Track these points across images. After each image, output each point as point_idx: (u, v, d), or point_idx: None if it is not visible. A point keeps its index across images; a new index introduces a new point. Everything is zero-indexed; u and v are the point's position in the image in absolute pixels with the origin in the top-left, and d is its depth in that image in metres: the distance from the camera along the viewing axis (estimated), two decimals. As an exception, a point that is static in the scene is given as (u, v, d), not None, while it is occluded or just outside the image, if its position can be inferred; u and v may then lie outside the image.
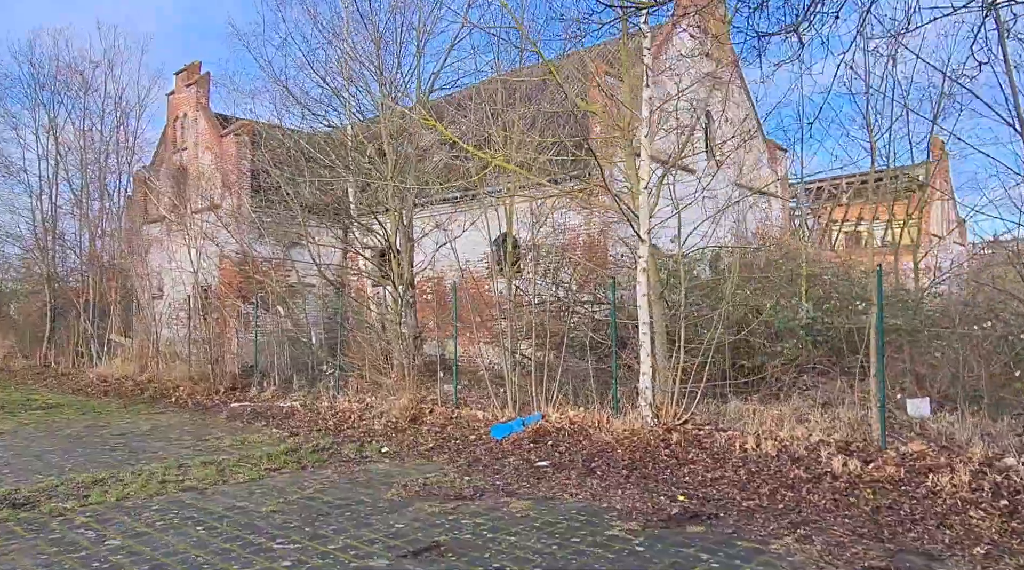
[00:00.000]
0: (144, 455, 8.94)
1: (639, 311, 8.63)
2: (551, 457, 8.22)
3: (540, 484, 7.02)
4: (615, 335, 9.67)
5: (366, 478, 7.50)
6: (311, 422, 11.56)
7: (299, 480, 7.45)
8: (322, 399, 13.49)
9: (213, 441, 9.96)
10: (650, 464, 7.53)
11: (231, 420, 12.19)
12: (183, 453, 9.05)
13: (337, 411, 12.25)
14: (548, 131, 15.64)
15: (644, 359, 8.62)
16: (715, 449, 7.69)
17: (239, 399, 14.62)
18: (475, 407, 11.38)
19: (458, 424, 10.52)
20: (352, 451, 8.96)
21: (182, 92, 22.53)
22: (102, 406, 14.22)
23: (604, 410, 9.72)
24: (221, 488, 7.13)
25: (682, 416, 8.49)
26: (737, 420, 8.90)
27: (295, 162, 18.62)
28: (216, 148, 20.78)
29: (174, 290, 20.40)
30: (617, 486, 6.83)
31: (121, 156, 23.11)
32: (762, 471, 6.90)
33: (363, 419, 11.47)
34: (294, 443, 9.50)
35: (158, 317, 19.22)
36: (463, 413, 11.07)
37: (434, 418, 10.98)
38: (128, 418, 12.55)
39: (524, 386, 10.83)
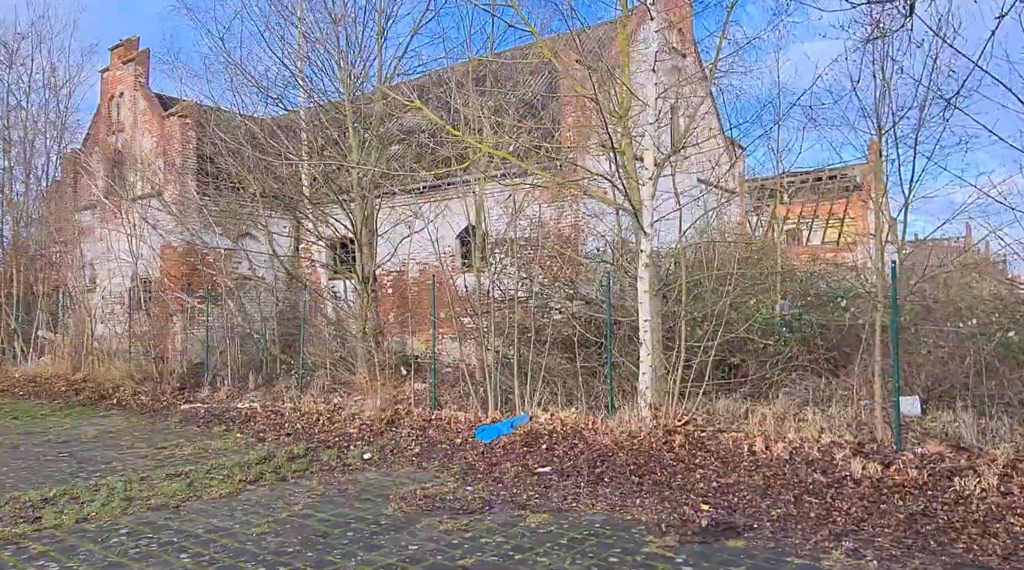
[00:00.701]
0: (96, 467, 8.04)
1: (640, 308, 8.29)
2: (550, 463, 7.80)
3: (550, 494, 6.59)
4: (610, 332, 9.32)
5: (357, 490, 6.90)
6: (276, 425, 10.79)
7: (282, 494, 6.78)
8: (283, 400, 12.68)
9: (171, 449, 9.10)
10: (658, 470, 7.20)
11: (185, 424, 11.27)
12: (140, 463, 8.20)
13: (303, 413, 11.49)
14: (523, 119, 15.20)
15: (644, 358, 8.30)
16: (722, 452, 7.43)
17: (189, 400, 13.61)
18: (453, 407, 10.86)
19: (439, 426, 9.98)
20: (332, 458, 8.31)
21: (119, 69, 20.95)
22: (34, 409, 12.98)
23: (597, 411, 9.38)
24: (195, 505, 6.40)
25: (682, 417, 8.21)
26: (733, 420, 8.71)
27: (248, 147, 17.56)
28: (158, 130, 19.40)
29: (111, 282, 18.98)
30: (632, 494, 6.47)
31: (50, 137, 21.34)
32: (778, 475, 6.66)
33: (333, 422, 10.78)
34: (264, 450, 8.76)
35: (92, 311, 17.80)
36: (443, 414, 10.52)
37: (412, 420, 10.39)
38: (67, 423, 11.45)
39: (503, 386, 10.38)
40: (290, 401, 12.48)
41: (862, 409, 9.31)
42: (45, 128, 21.00)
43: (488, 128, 12.73)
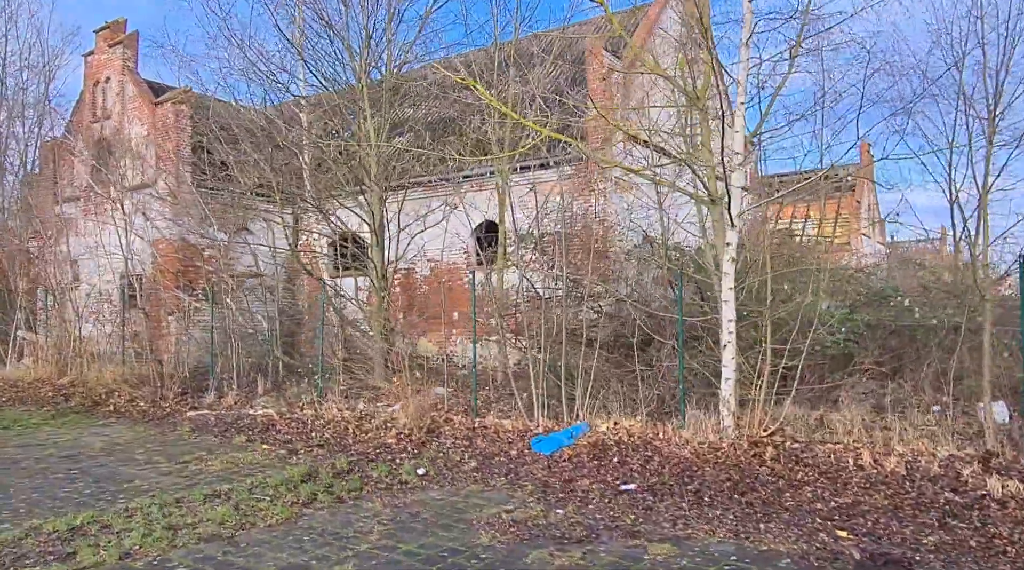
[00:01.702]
0: (116, 486, 7.11)
1: (723, 307, 7.62)
2: (631, 478, 7.08)
3: (653, 517, 5.87)
4: (682, 334, 8.63)
5: (430, 514, 6.09)
6: (301, 435, 9.90)
7: (347, 519, 5.95)
8: (301, 406, 11.78)
9: (196, 463, 8.17)
10: (759, 487, 6.53)
11: (199, 433, 10.30)
12: (167, 482, 7.28)
13: (327, 421, 10.61)
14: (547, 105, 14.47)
15: (727, 362, 7.63)
16: (823, 466, 6.79)
17: (195, 406, 12.61)
18: (496, 415, 10.09)
19: (485, 436, 9.20)
20: (383, 474, 7.48)
21: (104, 53, 19.70)
22: (22, 417, 11.85)
23: (658, 418, 8.70)
24: (253, 534, 5.54)
25: (767, 427, 7.57)
26: (815, 429, 8.11)
27: (248, 135, 16.54)
28: (149, 118, 18.24)
29: (100, 279, 17.78)
30: (747, 518, 5.77)
31: (28, 123, 19.99)
32: (901, 494, 6.04)
33: (364, 430, 9.93)
34: (304, 465, 7.89)
35: (80, 310, 16.60)
36: (486, 422, 9.74)
37: (453, 429, 9.60)
38: (65, 433, 10.40)
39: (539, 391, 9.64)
40: (310, 407, 11.59)
41: (936, 416, 8.79)
42: (22, 114, 19.63)
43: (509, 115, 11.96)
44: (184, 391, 13.51)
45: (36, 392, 14.54)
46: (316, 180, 16.26)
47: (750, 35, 7.02)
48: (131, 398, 13.32)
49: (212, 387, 13.37)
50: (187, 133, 17.70)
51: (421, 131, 16.63)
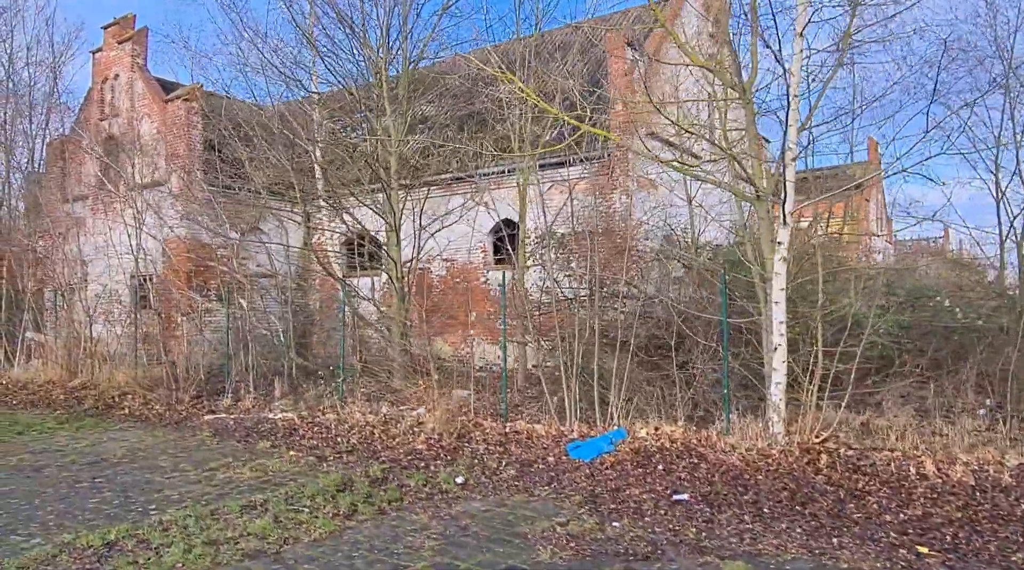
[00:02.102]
0: (146, 495, 6.83)
1: (774, 308, 7.34)
2: (680, 487, 6.81)
3: (716, 530, 5.59)
4: (727, 336, 8.35)
5: (479, 527, 5.82)
6: (326, 440, 9.62)
7: (394, 533, 5.68)
8: (321, 409, 11.51)
9: (224, 471, 7.89)
10: (819, 497, 6.26)
11: (220, 438, 10.02)
12: (197, 491, 7.00)
13: (351, 425, 10.33)
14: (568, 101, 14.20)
15: (778, 365, 7.36)
16: (883, 476, 6.52)
17: (212, 410, 12.33)
18: (526, 419, 9.82)
19: (518, 441, 8.93)
20: (420, 482, 7.21)
21: (113, 50, 19.40)
22: (36, 422, 11.57)
23: (702, 424, 8.44)
24: (299, 550, 5.27)
25: (819, 433, 7.30)
26: (863, 435, 7.84)
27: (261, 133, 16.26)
28: (159, 115, 17.94)
29: (112, 279, 17.49)
30: (817, 532, 5.50)
31: (35, 120, 19.68)
32: (974, 506, 5.77)
33: (391, 435, 9.65)
34: (336, 473, 7.61)
35: (90, 311, 16.30)
36: (517, 427, 9.47)
37: (485, 434, 9.33)
38: (82, 438, 10.11)
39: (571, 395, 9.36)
40: (332, 411, 11.31)
41: (984, 420, 8.53)
42: (29, 111, 19.32)
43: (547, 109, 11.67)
44: (199, 394, 13.22)
45: (47, 395, 14.25)
46: (331, 177, 15.97)
47: (805, 24, 6.74)
48: (145, 401, 13.04)
49: (228, 390, 13.09)
50: (199, 130, 17.43)
51: (439, 128, 16.34)
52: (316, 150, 17.23)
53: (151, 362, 15.46)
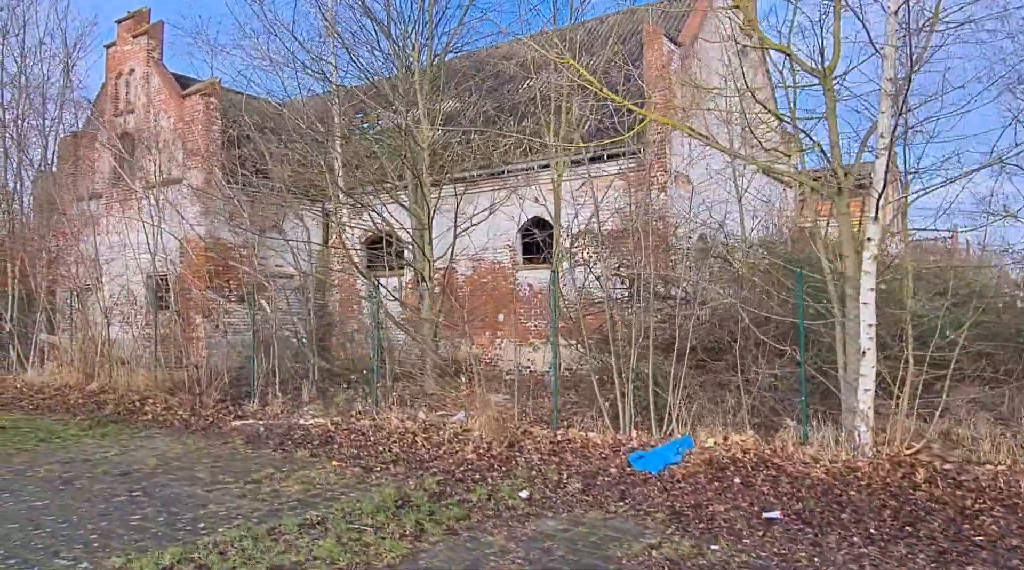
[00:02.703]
0: (191, 512, 6.33)
1: (863, 309, 6.85)
2: (766, 503, 6.32)
3: (831, 556, 5.09)
4: (803, 339, 7.86)
5: (565, 549, 5.33)
6: (367, 448, 9.14)
7: (472, 558, 5.18)
8: (353, 415, 11.04)
9: (268, 483, 7.40)
10: (925, 516, 5.77)
11: (253, 446, 9.53)
12: (246, 507, 6.51)
13: (389, 432, 9.85)
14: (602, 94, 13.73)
15: (867, 371, 6.86)
16: (993, 493, 6.03)
17: (239, 415, 11.84)
18: (577, 426, 9.33)
19: (573, 451, 8.44)
20: (483, 497, 6.71)
21: (127, 44, 18.94)
22: (59, 428, 11.07)
23: (765, 433, 7.96)
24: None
25: (910, 444, 6.81)
26: (950, 446, 7.36)
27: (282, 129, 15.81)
28: (176, 111, 17.46)
29: (129, 279, 16.99)
30: (945, 559, 5.00)
31: (48, 117, 19.20)
32: (1105, 527, 5.29)
33: (435, 443, 9.17)
34: (389, 486, 7.12)
35: (107, 312, 15.82)
36: (570, 435, 8.99)
37: (535, 442, 8.84)
38: (109, 446, 9.62)
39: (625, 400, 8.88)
40: (366, 417, 10.83)
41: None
42: (43, 106, 18.84)
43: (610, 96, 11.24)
44: (223, 398, 12.73)
45: (64, 399, 13.77)
46: (357, 174, 15.50)
47: (900, 3, 6.26)
48: (168, 406, 12.56)
49: (255, 394, 12.60)
50: (217, 126, 16.95)
51: (468, 123, 15.85)
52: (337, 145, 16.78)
53: (169, 365, 14.98)
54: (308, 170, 16.57)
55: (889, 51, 6.36)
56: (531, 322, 15.73)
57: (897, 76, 6.38)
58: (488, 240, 16.08)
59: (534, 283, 15.74)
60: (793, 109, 7.89)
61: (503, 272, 16.26)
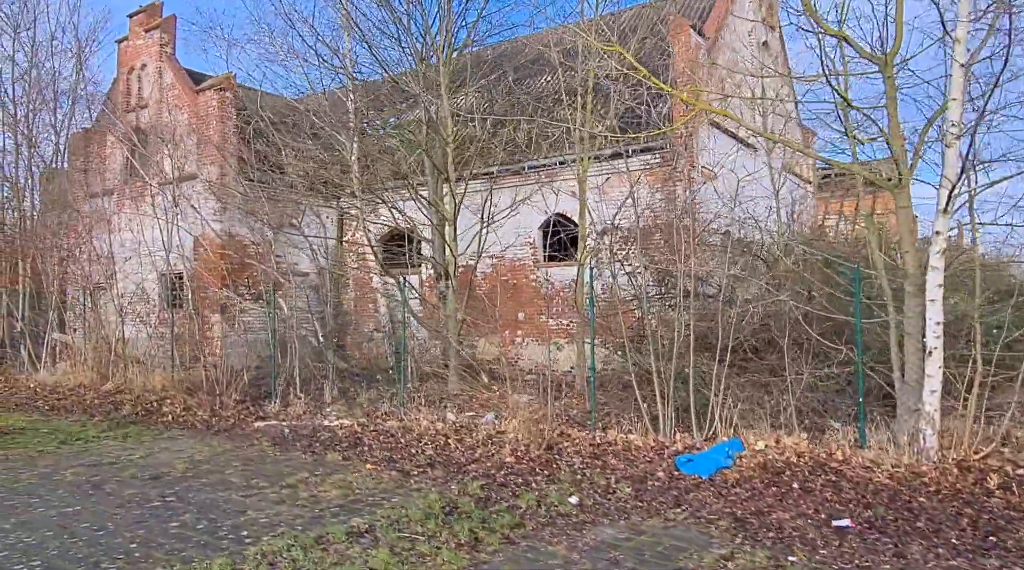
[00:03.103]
0: (230, 518, 6.06)
1: (929, 306, 6.56)
2: (832, 510, 6.04)
3: (919, 569, 4.82)
4: (860, 338, 7.57)
5: (633, 561, 5.04)
6: (400, 451, 8.86)
7: (537, 569, 4.91)
8: (379, 415, 10.78)
9: (305, 487, 7.13)
10: (1008, 526, 5.49)
11: (281, 448, 9.25)
12: (286, 513, 6.23)
13: (419, 434, 9.59)
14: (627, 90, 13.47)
15: (933, 372, 6.58)
16: (1072, 498, 5.75)
17: (260, 416, 11.58)
18: (615, 428, 9.05)
19: (615, 453, 8.17)
20: (531, 503, 6.43)
21: (140, 38, 18.65)
22: (77, 429, 10.79)
23: (814, 435, 7.69)
24: (438, 592, 4.50)
25: (978, 448, 6.53)
26: (1018, 450, 7.07)
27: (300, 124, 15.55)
28: (189, 106, 17.18)
29: (144, 278, 16.73)
30: (1034, 568, 4.74)
31: (59, 113, 18.92)
32: None
33: (468, 446, 8.90)
34: (432, 491, 6.85)
35: (122, 311, 15.55)
36: (609, 437, 8.71)
37: (574, 445, 8.57)
38: (132, 448, 9.35)
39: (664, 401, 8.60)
40: (393, 418, 10.56)
41: None
42: (54, 101, 18.56)
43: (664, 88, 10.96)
44: (243, 398, 12.46)
45: (80, 399, 13.50)
46: (375, 170, 15.22)
47: (976, -10, 5.99)
48: (186, 406, 12.29)
49: (276, 395, 12.33)
50: (232, 121, 16.67)
51: (487, 117, 15.56)
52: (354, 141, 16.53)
53: (185, 364, 14.72)
54: (324, 166, 16.30)
55: (961, 34, 6.07)
56: (553, 320, 15.45)
57: (968, 62, 6.09)
58: (512, 237, 15.79)
59: (556, 281, 15.45)
60: (846, 98, 7.59)
61: (524, 270, 15.98)
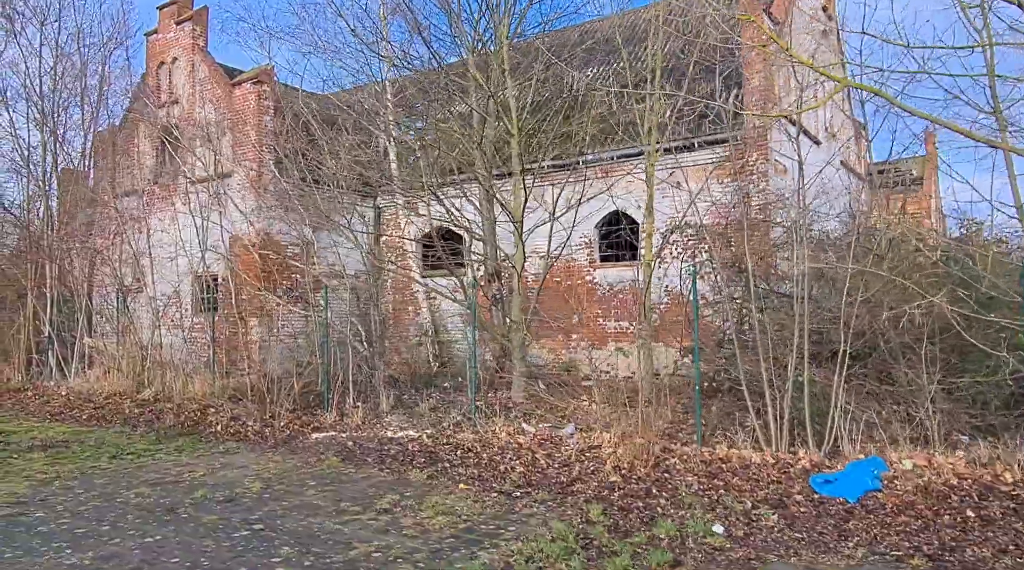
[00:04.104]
0: (339, 553, 5.27)
1: None
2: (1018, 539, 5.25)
3: None
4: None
5: (839, 609, 4.26)
6: (481, 466, 8.10)
7: (733, 620, 4.12)
8: (447, 427, 10.01)
9: (403, 513, 6.34)
10: None
11: (353, 464, 8.47)
12: (396, 544, 5.44)
13: (499, 447, 8.81)
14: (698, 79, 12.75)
15: None
16: None
17: (315, 426, 10.81)
18: (722, 442, 8.26)
19: (733, 472, 7.37)
20: (671, 532, 5.64)
21: (170, 31, 17.97)
22: (123, 442, 10.03)
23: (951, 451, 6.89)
24: (634, 655, 3.71)
25: None
26: None
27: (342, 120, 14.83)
28: (224, 100, 16.46)
29: (178, 281, 15.99)
30: None
31: (86, 109, 18.22)
32: None
33: (560, 462, 8.13)
34: (552, 518, 6.06)
35: (158, 314, 14.81)
36: (720, 453, 7.91)
37: (684, 462, 7.77)
38: (191, 463, 8.57)
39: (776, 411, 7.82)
40: (466, 431, 9.78)
41: None
42: (81, 97, 17.85)
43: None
44: (292, 407, 11.70)
45: (117, 408, 12.75)
46: (426, 165, 14.47)
47: None
48: (233, 416, 11.52)
49: (330, 404, 11.57)
50: (270, 116, 15.93)
51: (550, 107, 14.75)
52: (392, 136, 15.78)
53: (224, 371, 13.98)
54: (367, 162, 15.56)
55: None
56: (610, 324, 14.67)
57: None
58: (565, 236, 15.01)
59: (614, 282, 14.68)
60: (992, 72, 6.82)
61: (578, 270, 15.19)
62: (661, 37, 11.89)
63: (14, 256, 18.43)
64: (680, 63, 12.77)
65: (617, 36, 12.39)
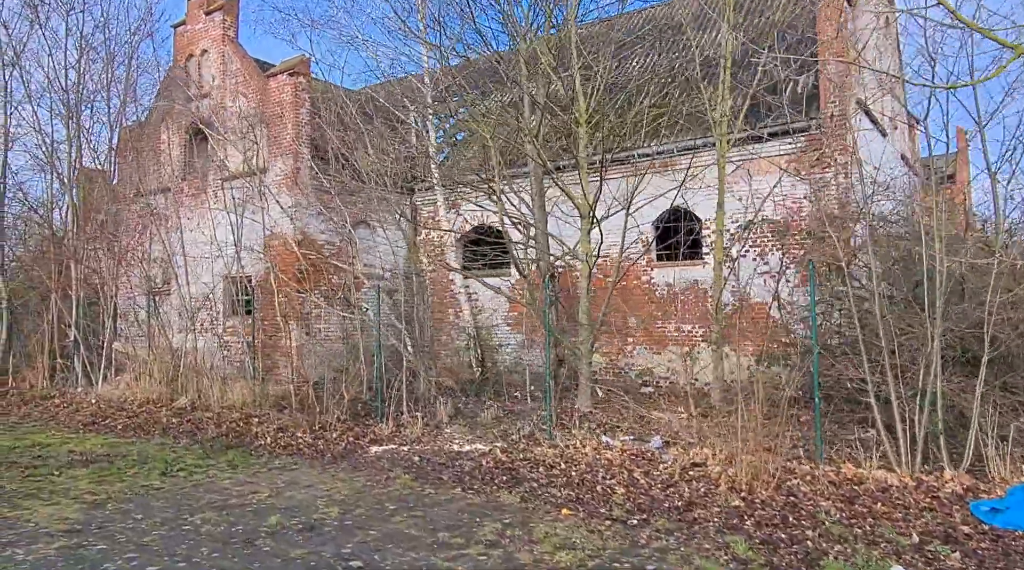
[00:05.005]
0: (459, 600, 4.46)
1: None
2: None
3: None
4: None
5: None
6: (572, 486, 7.27)
7: None
8: (526, 440, 9.19)
9: (515, 546, 5.51)
10: None
11: (430, 483, 7.64)
12: (526, 590, 4.63)
13: (587, 464, 7.99)
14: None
15: None
16: None
17: (373, 438, 10.01)
18: (847, 461, 7.42)
19: (869, 494, 6.53)
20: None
21: (199, 22, 17.22)
22: (169, 455, 9.21)
23: None
24: None
25: None
26: None
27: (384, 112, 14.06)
28: (258, 94, 15.69)
29: (212, 283, 15.23)
30: None
31: (112, 103, 17.50)
32: None
33: (663, 482, 7.30)
34: (692, 554, 5.23)
35: (193, 317, 14.04)
36: (847, 473, 7.07)
37: (809, 484, 6.93)
38: (248, 482, 7.76)
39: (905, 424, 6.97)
40: (544, 444, 8.96)
41: None
42: (107, 92, 17.13)
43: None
44: (342, 417, 10.90)
45: (153, 418, 11.96)
46: (475, 160, 13.68)
47: None
48: (279, 426, 10.73)
49: (383, 413, 10.77)
50: (306, 109, 15.16)
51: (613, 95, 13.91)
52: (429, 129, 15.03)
53: (256, 377, 13.18)
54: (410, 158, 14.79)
55: None
56: (670, 326, 13.82)
57: None
58: (618, 234, 14.18)
59: (673, 282, 13.83)
60: None
61: (634, 270, 14.33)
62: (731, 18, 11.08)
63: (37, 256, 17.69)
64: (749, 50, 11.94)
65: (686, 18, 11.55)
